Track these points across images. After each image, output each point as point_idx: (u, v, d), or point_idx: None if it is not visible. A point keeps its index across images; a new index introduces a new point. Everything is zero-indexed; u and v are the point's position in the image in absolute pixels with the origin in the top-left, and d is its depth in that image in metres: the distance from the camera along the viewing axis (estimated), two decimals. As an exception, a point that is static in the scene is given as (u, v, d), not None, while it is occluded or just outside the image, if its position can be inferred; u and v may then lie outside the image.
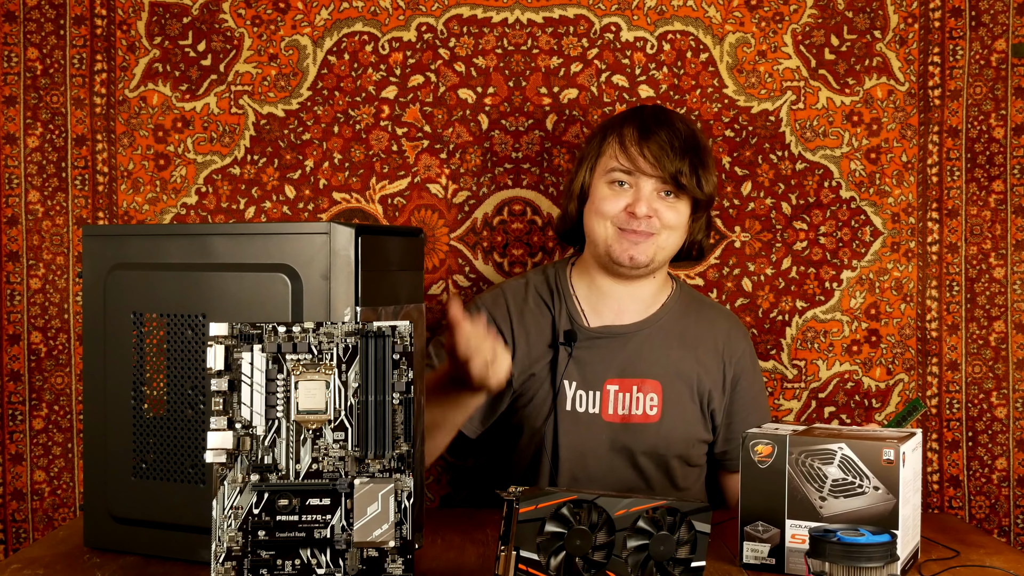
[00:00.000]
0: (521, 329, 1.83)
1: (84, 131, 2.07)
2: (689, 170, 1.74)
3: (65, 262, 2.07)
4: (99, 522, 1.45)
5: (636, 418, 1.78)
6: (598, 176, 1.79)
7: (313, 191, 2.09)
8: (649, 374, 1.80)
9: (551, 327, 1.82)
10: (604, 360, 1.80)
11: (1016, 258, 2.09)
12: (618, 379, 1.79)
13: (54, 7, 2.06)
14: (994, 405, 2.10)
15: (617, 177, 1.76)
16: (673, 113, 1.84)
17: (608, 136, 1.79)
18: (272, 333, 1.22)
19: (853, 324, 2.10)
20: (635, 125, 1.76)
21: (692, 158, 1.75)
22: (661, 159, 1.73)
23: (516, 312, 1.84)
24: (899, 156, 2.09)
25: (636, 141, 1.74)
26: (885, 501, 1.32)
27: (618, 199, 1.76)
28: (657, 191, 1.75)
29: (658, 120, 1.77)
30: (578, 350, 1.78)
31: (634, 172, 1.74)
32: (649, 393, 1.79)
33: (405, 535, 1.21)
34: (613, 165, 1.76)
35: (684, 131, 1.77)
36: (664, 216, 1.75)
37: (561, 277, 1.86)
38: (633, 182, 1.75)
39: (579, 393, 1.79)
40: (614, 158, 1.76)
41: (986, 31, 2.08)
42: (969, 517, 2.10)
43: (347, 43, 2.08)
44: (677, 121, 1.79)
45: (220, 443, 1.21)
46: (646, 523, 1.21)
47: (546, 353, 1.81)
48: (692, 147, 1.76)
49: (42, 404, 2.07)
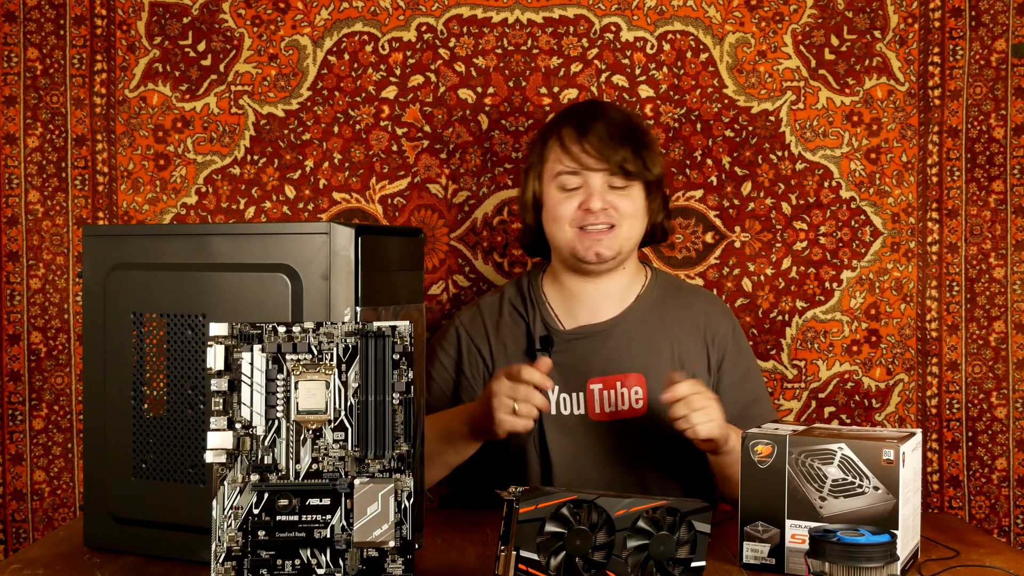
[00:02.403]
0: (499, 344, 1.84)
1: (84, 131, 2.07)
2: (633, 155, 1.74)
3: (65, 262, 2.07)
4: (99, 522, 1.45)
5: (623, 413, 1.78)
6: (547, 182, 1.79)
7: (313, 191, 2.09)
8: (631, 367, 1.79)
9: (526, 336, 1.83)
10: (584, 360, 1.80)
11: (1016, 258, 2.09)
12: (601, 377, 1.79)
13: (54, 7, 2.06)
14: (994, 405, 2.10)
15: (565, 180, 1.76)
16: (605, 104, 1.85)
17: (548, 141, 1.79)
18: (272, 333, 1.22)
19: (853, 324, 2.10)
20: (572, 124, 1.77)
21: (633, 143, 1.75)
22: (603, 151, 1.73)
23: (492, 327, 1.85)
24: (899, 156, 2.09)
25: (576, 139, 1.75)
26: (885, 501, 1.32)
27: (571, 200, 1.76)
28: (607, 183, 1.75)
29: (592, 114, 1.78)
30: (557, 354, 1.78)
31: (580, 170, 1.75)
32: (633, 387, 1.79)
33: (405, 535, 1.21)
34: (559, 168, 1.77)
35: (619, 118, 1.78)
36: (620, 206, 1.75)
37: (534, 285, 1.87)
38: (582, 180, 1.76)
39: (563, 397, 1.79)
40: (558, 161, 1.77)
41: (986, 31, 2.08)
42: (969, 517, 2.10)
43: (347, 43, 2.08)
44: (611, 111, 1.80)
45: (220, 443, 1.21)
46: (646, 523, 1.21)
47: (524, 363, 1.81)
48: (631, 132, 1.77)
49: (42, 404, 2.07)
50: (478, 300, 1.92)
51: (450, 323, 1.90)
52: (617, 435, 1.78)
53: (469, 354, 1.84)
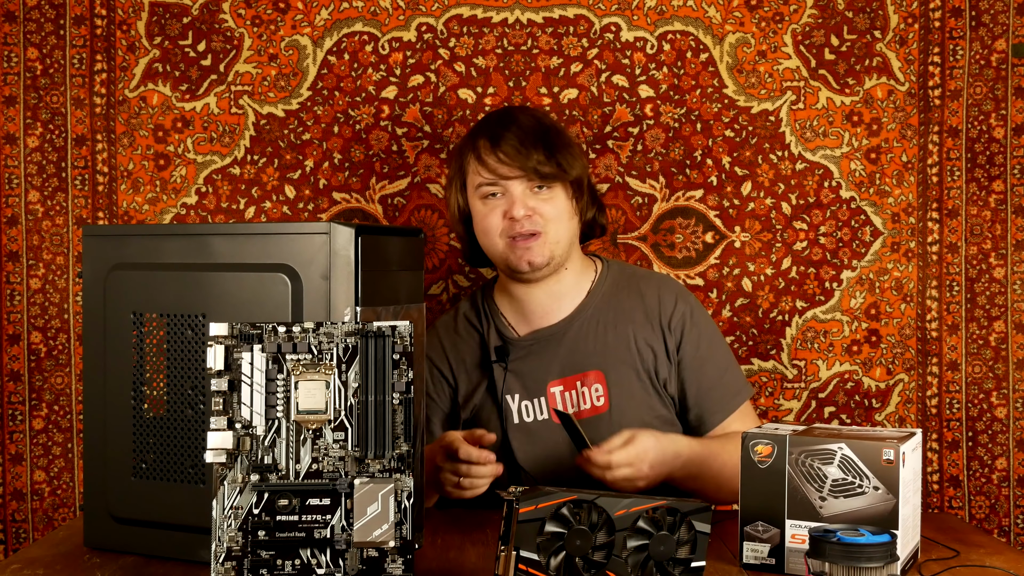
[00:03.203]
0: (457, 361, 1.84)
1: (84, 131, 2.07)
2: (547, 158, 1.73)
3: (65, 262, 2.07)
4: (99, 522, 1.45)
5: (585, 413, 1.77)
6: (471, 195, 1.79)
7: (313, 191, 2.09)
8: (588, 365, 1.78)
9: (480, 347, 1.83)
10: (542, 365, 1.79)
11: (1016, 258, 2.09)
12: (560, 379, 1.79)
13: (54, 7, 2.06)
14: (994, 405, 2.10)
15: (486, 191, 1.76)
16: (518, 109, 1.84)
17: (465, 154, 1.79)
18: (272, 333, 1.22)
19: (853, 324, 2.10)
20: (484, 135, 1.77)
21: (545, 145, 1.74)
22: (516, 158, 1.73)
23: (449, 346, 1.85)
24: (899, 156, 2.09)
25: (490, 150, 1.74)
26: (885, 501, 1.32)
27: (495, 211, 1.75)
28: (528, 188, 1.75)
29: (502, 122, 1.78)
30: (514, 362, 1.78)
31: (498, 180, 1.75)
32: (593, 384, 1.78)
33: (405, 535, 1.21)
34: (478, 181, 1.76)
35: (530, 123, 1.77)
36: (543, 211, 1.74)
37: (487, 296, 1.87)
38: (502, 189, 1.75)
39: (524, 404, 1.79)
40: (477, 173, 1.76)
41: (986, 31, 2.08)
42: (969, 517, 2.10)
43: (347, 43, 2.08)
44: (521, 116, 1.79)
45: (220, 443, 1.21)
46: (646, 523, 1.21)
47: (483, 375, 1.81)
48: (542, 135, 1.76)
49: (42, 404, 2.07)
50: (435, 322, 1.92)
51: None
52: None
53: (432, 377, 1.84)
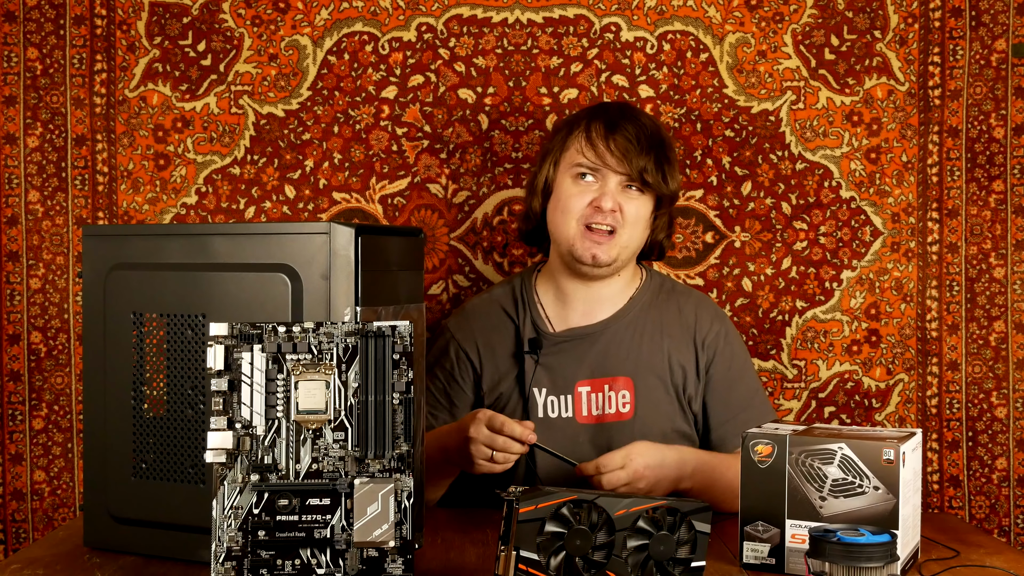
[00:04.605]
0: (487, 348, 1.83)
1: (84, 131, 2.07)
2: (654, 166, 1.74)
3: (65, 262, 2.07)
4: (99, 522, 1.45)
5: (609, 417, 1.78)
6: (562, 171, 1.78)
7: (313, 191, 2.09)
8: (620, 371, 1.79)
9: (515, 338, 1.83)
10: (573, 363, 1.79)
11: (1016, 258, 2.09)
12: (589, 380, 1.79)
13: (54, 7, 2.06)
14: (994, 405, 2.10)
15: (581, 171, 1.75)
16: (638, 109, 1.85)
17: (574, 131, 1.78)
18: (272, 333, 1.22)
19: (853, 324, 2.10)
20: (601, 120, 1.76)
21: (657, 154, 1.75)
22: (628, 154, 1.73)
23: (480, 331, 1.84)
24: (899, 156, 2.09)
25: (603, 136, 1.74)
26: (885, 501, 1.32)
27: (583, 195, 1.75)
28: (622, 184, 1.75)
29: (624, 115, 1.77)
30: (545, 356, 1.78)
31: (601, 167, 1.74)
32: (621, 390, 1.78)
33: (405, 535, 1.21)
34: (579, 160, 1.76)
35: (650, 126, 1.78)
36: (627, 210, 1.75)
37: (527, 286, 1.86)
38: (599, 177, 1.75)
39: (550, 399, 1.78)
40: (580, 153, 1.76)
41: (986, 31, 2.08)
42: (969, 517, 2.10)
43: (347, 43, 2.08)
44: (643, 117, 1.80)
45: (220, 443, 1.21)
46: (646, 523, 1.21)
47: (513, 365, 1.81)
48: (657, 143, 1.76)
49: (42, 404, 2.07)
50: (465, 304, 1.92)
51: (440, 333, 1.90)
52: (604, 438, 1.77)
53: (459, 360, 1.84)
